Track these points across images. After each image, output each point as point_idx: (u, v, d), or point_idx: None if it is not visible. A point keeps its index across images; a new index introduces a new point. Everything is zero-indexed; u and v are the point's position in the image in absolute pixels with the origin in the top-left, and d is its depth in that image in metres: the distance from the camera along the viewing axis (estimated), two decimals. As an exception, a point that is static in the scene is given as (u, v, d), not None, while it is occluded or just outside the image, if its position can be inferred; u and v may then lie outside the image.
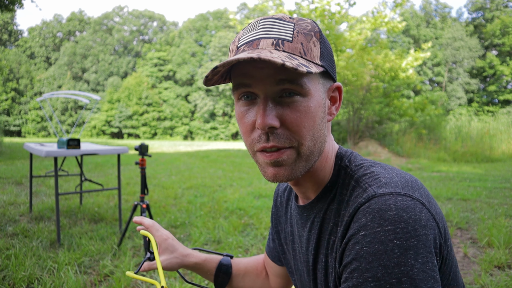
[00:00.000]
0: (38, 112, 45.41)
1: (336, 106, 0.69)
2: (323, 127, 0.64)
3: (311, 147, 0.62)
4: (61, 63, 49.37)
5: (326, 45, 0.65)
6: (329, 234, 0.66)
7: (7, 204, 4.53)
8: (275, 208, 0.93)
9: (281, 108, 0.60)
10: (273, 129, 0.60)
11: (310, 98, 0.61)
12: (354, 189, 0.62)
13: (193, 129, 44.75)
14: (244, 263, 1.02)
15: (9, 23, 48.87)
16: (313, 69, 0.58)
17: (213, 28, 50.15)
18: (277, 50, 0.59)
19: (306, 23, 0.63)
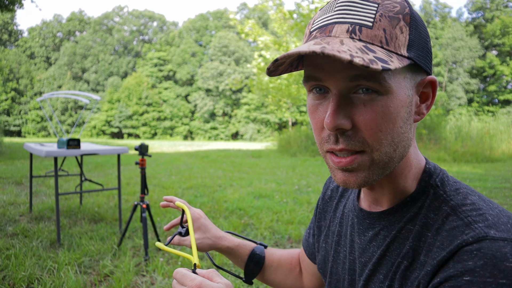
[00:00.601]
0: (38, 112, 45.41)
1: (427, 104, 0.58)
2: (407, 130, 0.55)
3: (390, 153, 0.54)
4: (61, 63, 49.38)
5: (419, 31, 0.54)
6: (402, 257, 0.57)
7: (7, 204, 4.53)
8: (322, 202, 0.84)
9: (355, 107, 0.52)
10: (343, 130, 0.53)
11: (391, 96, 0.52)
12: (448, 217, 0.53)
13: (193, 129, 44.75)
14: (278, 255, 0.95)
15: (9, 23, 48.87)
16: (393, 64, 0.48)
17: (213, 28, 50.15)
18: (352, 38, 0.50)
19: (394, 3, 0.52)
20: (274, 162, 10.86)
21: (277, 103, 19.47)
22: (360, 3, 0.52)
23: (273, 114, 37.56)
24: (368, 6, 0.52)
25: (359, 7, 0.52)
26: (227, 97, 43.58)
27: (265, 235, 3.48)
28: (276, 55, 15.15)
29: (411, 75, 0.54)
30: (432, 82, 0.57)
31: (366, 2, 0.52)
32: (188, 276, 0.56)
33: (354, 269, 0.67)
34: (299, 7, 13.29)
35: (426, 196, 0.58)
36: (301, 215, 4.17)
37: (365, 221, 0.65)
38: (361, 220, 0.66)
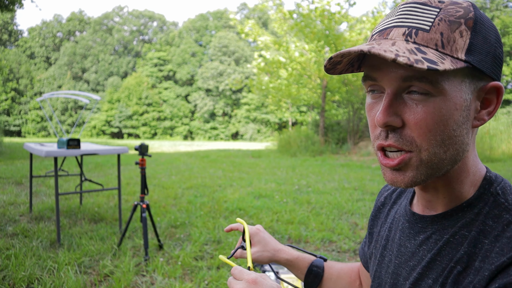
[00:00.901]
0: (38, 112, 45.42)
1: (489, 110, 0.57)
2: (461, 133, 0.55)
3: (439, 154, 0.54)
4: (61, 63, 49.39)
5: (485, 36, 0.53)
6: (455, 262, 0.56)
7: (7, 204, 4.53)
8: (375, 209, 0.85)
9: (406, 107, 0.54)
10: (393, 127, 0.55)
11: (444, 98, 0.52)
12: (510, 225, 0.53)
13: (193, 129, 44.76)
14: (337, 268, 0.96)
15: (9, 23, 48.87)
16: (443, 65, 0.48)
17: (213, 28, 50.16)
18: (406, 41, 0.52)
19: (458, 8, 0.53)
20: (274, 162, 10.86)
21: (277, 103, 19.48)
22: (422, 7, 0.54)
23: (273, 114, 37.56)
24: (429, 11, 0.53)
25: (419, 12, 0.54)
26: (227, 97, 43.59)
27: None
28: (276, 55, 15.16)
29: (471, 79, 0.54)
30: (496, 89, 0.56)
31: (427, 7, 0.54)
32: (245, 271, 0.62)
33: (398, 273, 0.66)
34: (299, 7, 13.29)
35: (484, 203, 0.57)
36: (301, 215, 4.17)
37: (417, 225, 0.65)
38: (413, 224, 0.66)
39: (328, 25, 12.82)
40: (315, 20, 13.04)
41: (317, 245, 3.23)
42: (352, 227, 3.75)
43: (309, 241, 3.33)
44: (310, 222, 3.89)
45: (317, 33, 12.84)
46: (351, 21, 13.61)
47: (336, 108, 16.44)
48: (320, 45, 13.16)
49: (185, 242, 3.29)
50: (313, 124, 16.94)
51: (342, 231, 3.56)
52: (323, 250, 3.12)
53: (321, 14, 12.66)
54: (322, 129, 14.59)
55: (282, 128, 35.34)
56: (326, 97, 14.79)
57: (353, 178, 7.13)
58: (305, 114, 31.58)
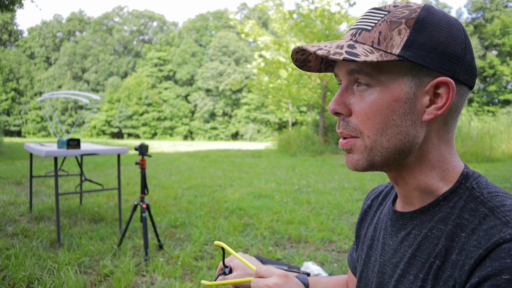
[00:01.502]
0: (38, 112, 45.42)
1: (438, 105, 0.58)
2: (405, 125, 0.58)
3: (382, 142, 0.58)
4: (61, 63, 49.39)
5: (429, 33, 0.56)
6: (434, 257, 0.57)
7: (7, 204, 4.53)
8: (362, 212, 0.86)
9: (354, 97, 0.60)
10: (342, 115, 0.61)
11: (382, 89, 0.57)
12: (486, 218, 0.53)
13: (193, 129, 44.76)
14: (322, 282, 0.94)
15: (9, 23, 48.87)
16: (366, 57, 0.54)
17: (213, 28, 50.16)
18: (351, 40, 0.59)
19: (405, 10, 0.58)
20: (274, 162, 10.86)
21: (277, 103, 19.46)
22: (375, 12, 0.60)
23: (273, 114, 37.56)
24: (378, 14, 0.60)
25: (372, 15, 0.60)
26: (227, 97, 43.58)
27: (265, 235, 3.48)
28: (276, 55, 15.16)
29: (414, 74, 0.57)
30: (446, 83, 0.57)
31: (379, 11, 0.60)
32: (273, 269, 0.64)
33: (383, 271, 0.67)
34: (299, 7, 13.28)
35: (459, 197, 0.59)
36: (301, 215, 4.17)
37: (398, 222, 0.67)
38: (394, 222, 0.68)
39: (328, 25, 12.83)
40: (315, 20, 13.04)
41: (317, 245, 3.23)
42: (352, 227, 3.75)
43: (309, 241, 3.33)
44: (310, 222, 3.89)
45: (317, 33, 12.84)
46: (351, 21, 13.59)
47: (336, 108, 16.41)
48: (320, 45, 13.14)
49: (185, 242, 3.29)
50: (313, 124, 16.94)
51: (342, 231, 3.56)
52: (323, 250, 3.12)
53: (321, 14, 12.66)
54: (322, 129, 14.59)
55: (282, 128, 35.33)
56: (326, 97, 14.78)
57: (353, 178, 7.13)
58: (305, 114, 31.57)
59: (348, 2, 13.10)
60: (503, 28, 33.40)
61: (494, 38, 34.79)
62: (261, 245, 3.22)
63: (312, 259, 2.90)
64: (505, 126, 12.31)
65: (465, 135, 11.51)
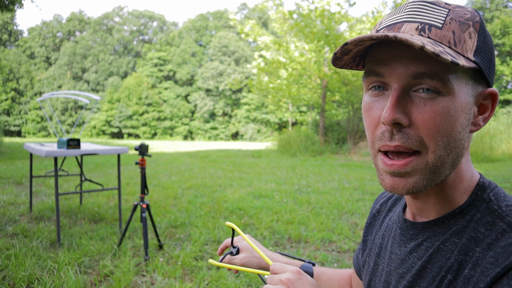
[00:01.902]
0: (38, 112, 45.42)
1: (485, 116, 0.56)
2: (464, 137, 0.54)
3: (443, 156, 0.52)
4: (61, 63, 49.38)
5: (487, 41, 0.54)
6: (445, 271, 0.54)
7: (7, 204, 4.53)
8: (370, 216, 0.83)
9: (414, 105, 0.52)
10: (400, 126, 0.52)
11: (453, 98, 0.51)
12: (504, 234, 0.50)
13: (193, 129, 44.75)
14: (327, 274, 0.94)
15: (9, 23, 48.86)
16: (461, 61, 0.48)
17: (213, 28, 50.16)
18: (421, 35, 0.51)
19: (465, 11, 0.54)
20: (274, 162, 10.86)
21: (277, 103, 19.47)
22: (431, 6, 0.53)
23: (273, 114, 37.56)
24: (439, 10, 0.53)
25: (430, 10, 0.53)
26: (227, 97, 43.58)
27: (265, 235, 3.48)
28: (276, 55, 15.15)
29: (473, 83, 0.54)
30: (493, 94, 0.56)
31: (437, 7, 0.53)
32: (286, 265, 0.62)
33: (389, 281, 0.65)
34: (299, 7, 13.29)
35: (476, 209, 0.55)
36: (301, 215, 4.17)
37: (408, 232, 0.63)
38: (404, 231, 0.64)
39: (328, 25, 12.82)
40: (315, 20, 13.04)
41: (317, 245, 3.23)
42: (352, 227, 3.75)
43: (309, 241, 3.33)
44: (310, 222, 3.89)
45: (317, 33, 12.84)
46: (351, 21, 13.61)
47: (336, 108, 16.44)
48: (320, 45, 13.16)
49: (185, 242, 3.29)
50: (313, 124, 16.94)
51: (342, 231, 3.56)
52: (323, 250, 3.12)
53: (321, 14, 12.66)
54: (322, 129, 14.59)
55: (282, 128, 35.33)
56: (326, 97, 14.78)
57: (353, 178, 7.13)
58: (305, 114, 31.56)
59: (348, 2, 13.10)
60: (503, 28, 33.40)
61: (494, 38, 34.78)
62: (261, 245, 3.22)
63: (312, 259, 2.90)
64: (505, 126, 12.32)
65: (465, 135, 11.51)
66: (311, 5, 12.96)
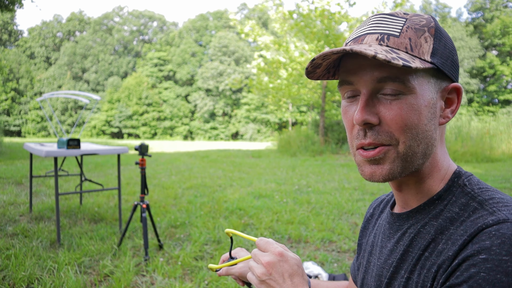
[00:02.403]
0: (38, 112, 45.41)
1: (452, 108, 0.63)
2: (431, 129, 0.60)
3: (414, 147, 0.59)
4: (61, 63, 49.38)
5: (444, 42, 0.60)
6: (422, 250, 0.59)
7: (7, 204, 4.53)
8: (365, 221, 0.87)
9: (382, 105, 0.59)
10: (371, 125, 0.59)
11: (415, 96, 0.58)
12: (475, 211, 0.56)
13: (193, 129, 44.75)
14: (323, 286, 0.94)
15: (9, 23, 48.86)
16: (414, 64, 0.54)
17: (213, 28, 50.16)
18: (380, 45, 0.58)
19: (421, 19, 0.60)
20: (274, 162, 10.86)
21: (277, 103, 19.47)
22: (390, 18, 0.61)
23: (273, 114, 37.54)
24: (397, 20, 0.60)
25: (389, 21, 0.60)
26: (227, 97, 43.57)
27: (265, 235, 3.48)
28: (276, 55, 15.15)
29: (436, 80, 0.60)
30: (456, 89, 0.63)
31: (395, 17, 0.61)
32: (271, 243, 0.63)
33: (380, 274, 0.68)
34: (299, 7, 13.28)
35: (452, 194, 0.61)
36: (301, 215, 4.17)
37: (395, 224, 0.68)
38: (392, 224, 0.69)
39: (328, 25, 12.82)
40: (315, 20, 13.04)
41: (317, 245, 3.23)
42: (352, 227, 3.75)
43: (309, 241, 3.33)
44: (310, 222, 3.89)
45: (317, 33, 12.84)
46: (351, 21, 13.60)
47: (336, 108, 16.44)
48: (320, 45, 13.15)
49: (185, 242, 3.29)
50: (313, 124, 16.94)
51: (342, 231, 3.56)
52: (323, 250, 3.12)
53: (321, 14, 12.66)
54: (322, 129, 14.59)
55: (282, 128, 35.32)
56: (326, 97, 14.78)
57: (353, 178, 7.13)
58: (305, 114, 31.56)
59: (348, 2, 13.10)
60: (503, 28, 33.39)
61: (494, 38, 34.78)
62: (261, 245, 3.22)
63: (312, 259, 2.90)
64: (505, 126, 12.32)
65: (465, 135, 11.51)
66: (311, 5, 12.95)
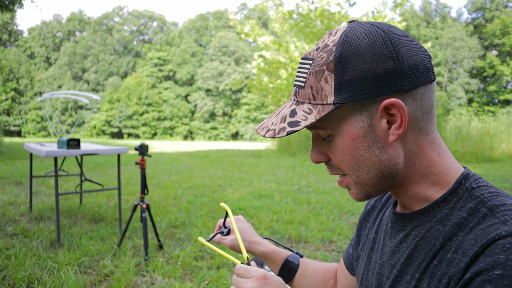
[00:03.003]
0: (38, 112, 45.41)
1: (397, 125, 0.58)
2: (374, 154, 0.59)
3: (362, 176, 0.62)
4: (61, 63, 49.38)
5: (353, 67, 0.55)
6: (431, 257, 0.57)
7: (7, 204, 4.53)
8: (365, 212, 0.87)
9: (326, 146, 0.64)
10: (324, 162, 0.66)
11: (340, 135, 0.60)
12: (485, 217, 0.53)
13: (193, 129, 44.75)
14: (312, 266, 0.98)
15: (9, 23, 48.86)
16: (305, 122, 0.58)
17: (213, 28, 50.16)
18: (294, 100, 0.63)
19: (323, 54, 0.58)
20: (274, 162, 10.86)
21: (277, 103, 19.46)
22: (303, 63, 0.61)
23: (273, 114, 37.48)
24: (305, 66, 0.60)
25: (302, 68, 0.61)
26: (227, 97, 43.58)
27: (265, 235, 3.48)
28: (276, 55, 15.16)
29: (359, 110, 0.58)
30: (394, 104, 0.56)
31: (306, 61, 0.61)
32: (251, 269, 0.64)
33: (382, 273, 0.68)
34: (299, 7, 13.29)
35: (459, 197, 0.58)
36: (301, 215, 4.17)
37: (397, 223, 0.67)
38: (394, 223, 0.68)
39: (328, 25, 12.82)
40: (315, 20, 13.04)
41: (317, 245, 3.23)
42: (352, 227, 3.75)
43: (309, 241, 3.33)
44: (310, 222, 3.89)
45: (317, 33, 12.84)
46: (351, 21, 13.60)
47: (336, 108, 16.44)
48: (320, 45, 13.14)
49: (185, 242, 3.29)
50: (313, 124, 16.92)
51: (342, 231, 3.56)
52: (323, 250, 3.12)
53: (321, 14, 12.66)
54: (322, 129, 14.59)
55: (282, 128, 35.27)
56: (326, 97, 14.78)
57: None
58: (305, 114, 31.54)
59: (348, 2, 13.10)
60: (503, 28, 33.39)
61: (494, 38, 34.79)
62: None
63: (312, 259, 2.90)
64: (505, 126, 12.31)
65: (465, 135, 11.51)
66: (311, 5, 12.96)
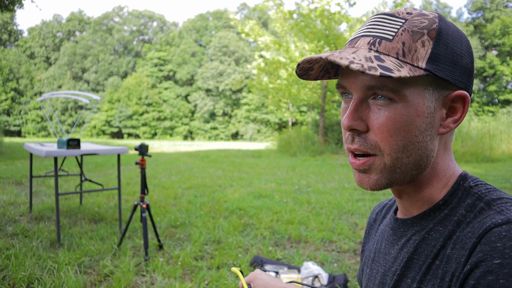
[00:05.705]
0: (38, 112, 45.40)
1: (455, 118, 0.58)
2: (425, 140, 0.56)
3: (402, 158, 0.56)
4: (61, 63, 49.37)
5: (449, 46, 0.55)
6: (432, 258, 0.56)
7: (7, 204, 4.53)
8: (368, 227, 0.85)
9: (371, 111, 0.56)
10: (358, 131, 0.57)
11: (406, 105, 0.54)
12: (482, 211, 0.53)
13: (193, 129, 44.74)
14: None
15: (9, 23, 48.85)
16: (399, 73, 0.51)
17: (213, 28, 50.14)
18: (370, 49, 0.55)
19: (423, 19, 0.55)
20: (274, 162, 10.86)
21: (277, 103, 19.46)
22: (389, 18, 0.57)
23: (273, 114, 37.53)
24: (395, 22, 0.56)
25: (386, 22, 0.56)
26: (227, 97, 43.57)
27: (265, 235, 3.48)
28: (277, 55, 15.16)
29: (435, 87, 0.56)
30: (462, 97, 0.57)
31: (394, 18, 0.56)
32: None
33: (384, 282, 0.66)
34: (299, 7, 13.29)
35: (458, 197, 0.58)
36: (301, 215, 4.17)
37: (399, 230, 0.66)
38: (396, 230, 0.67)
39: (328, 25, 12.82)
40: (315, 20, 13.04)
41: (317, 245, 3.23)
42: (352, 227, 3.75)
43: (309, 241, 3.33)
44: (310, 222, 3.89)
45: (317, 33, 12.84)
46: (351, 21, 13.60)
47: (336, 108, 16.44)
48: (320, 45, 13.15)
49: (185, 242, 3.29)
50: (313, 124, 16.94)
51: (342, 231, 3.56)
52: (323, 250, 3.12)
53: (321, 14, 12.67)
54: (322, 129, 14.58)
55: (282, 128, 35.31)
56: (326, 97, 14.78)
57: (353, 178, 7.12)
58: (305, 114, 31.57)
59: (348, 2, 13.10)
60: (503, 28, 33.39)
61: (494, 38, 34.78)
62: (261, 245, 3.22)
63: (312, 259, 2.90)
64: (505, 126, 12.32)
65: (465, 135, 11.51)
66: (311, 5, 12.96)
